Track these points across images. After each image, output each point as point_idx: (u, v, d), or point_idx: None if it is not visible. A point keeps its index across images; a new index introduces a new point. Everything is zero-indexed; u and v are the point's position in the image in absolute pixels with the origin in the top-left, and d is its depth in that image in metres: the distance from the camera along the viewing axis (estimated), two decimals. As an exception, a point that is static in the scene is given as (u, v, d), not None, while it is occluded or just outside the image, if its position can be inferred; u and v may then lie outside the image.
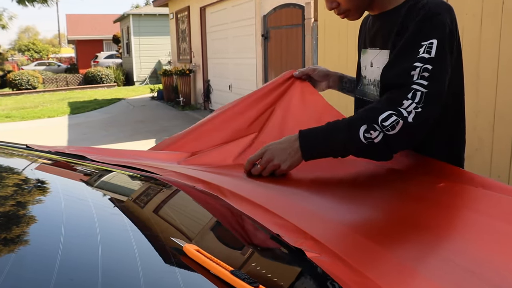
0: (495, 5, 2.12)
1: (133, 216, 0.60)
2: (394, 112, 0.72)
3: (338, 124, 0.77)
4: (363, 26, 0.99)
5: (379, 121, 0.72)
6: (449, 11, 0.77)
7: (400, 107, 0.72)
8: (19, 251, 0.43)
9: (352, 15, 0.86)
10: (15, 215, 0.52)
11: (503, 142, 2.16)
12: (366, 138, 0.73)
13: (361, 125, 0.73)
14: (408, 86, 0.73)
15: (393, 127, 0.71)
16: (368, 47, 0.92)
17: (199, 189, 0.73)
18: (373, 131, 0.72)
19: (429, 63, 0.72)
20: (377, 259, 0.51)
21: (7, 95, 11.94)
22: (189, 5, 7.56)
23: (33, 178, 0.71)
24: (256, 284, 0.39)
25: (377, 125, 0.72)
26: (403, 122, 0.71)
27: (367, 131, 0.73)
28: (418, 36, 0.74)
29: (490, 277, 0.47)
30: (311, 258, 0.49)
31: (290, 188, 0.79)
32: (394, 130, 0.72)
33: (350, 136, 0.74)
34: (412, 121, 0.71)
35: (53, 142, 4.97)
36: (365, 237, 0.57)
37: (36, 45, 29.69)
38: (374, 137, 0.72)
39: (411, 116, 0.71)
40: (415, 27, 0.75)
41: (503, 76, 2.15)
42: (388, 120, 0.72)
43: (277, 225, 0.57)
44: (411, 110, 0.72)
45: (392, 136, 0.72)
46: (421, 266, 0.49)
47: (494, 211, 0.63)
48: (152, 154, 1.02)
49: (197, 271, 0.42)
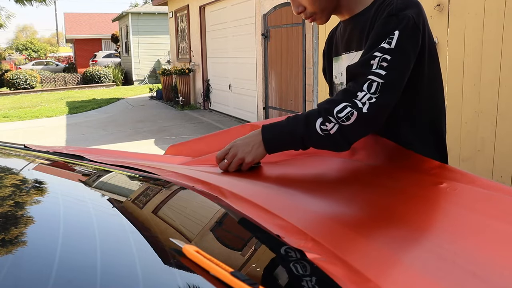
0: (498, 4, 2.12)
1: (132, 217, 0.60)
2: (349, 104, 0.74)
3: (297, 117, 0.79)
4: (331, 37, 1.00)
5: (334, 113, 0.74)
6: (416, 6, 0.78)
7: (355, 98, 0.74)
8: (16, 252, 0.43)
9: (318, 18, 0.87)
10: (12, 215, 0.52)
11: (506, 143, 2.16)
12: (322, 130, 0.75)
13: (317, 118, 0.76)
14: (365, 76, 0.75)
15: (348, 118, 0.74)
16: (342, 52, 0.92)
17: (198, 189, 0.73)
18: (328, 123, 0.75)
19: (388, 53, 0.74)
20: (378, 260, 0.51)
21: (4, 94, 11.92)
22: (188, 4, 7.56)
23: (30, 178, 0.70)
24: (256, 286, 0.38)
25: (332, 117, 0.74)
26: (357, 113, 0.73)
27: (323, 123, 0.75)
28: (381, 31, 0.76)
29: (491, 278, 0.47)
30: (311, 259, 0.49)
31: (290, 188, 0.78)
32: (349, 121, 0.74)
33: (308, 128, 0.76)
34: (366, 111, 0.73)
35: (51, 142, 4.96)
36: (366, 238, 0.57)
37: (34, 44, 29.64)
38: (329, 129, 0.75)
39: (366, 106, 0.73)
40: (380, 22, 0.77)
41: (505, 76, 2.15)
42: (343, 111, 0.74)
43: (277, 226, 0.57)
44: (365, 101, 0.74)
45: (347, 126, 0.74)
46: (422, 266, 0.49)
47: (495, 212, 0.63)
48: (150, 156, 1.02)
49: (197, 273, 0.42)
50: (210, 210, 0.69)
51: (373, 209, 0.68)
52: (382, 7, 0.79)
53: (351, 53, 0.88)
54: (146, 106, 8.31)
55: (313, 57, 3.74)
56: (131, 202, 0.66)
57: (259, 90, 5.38)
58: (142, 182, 0.78)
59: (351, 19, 0.88)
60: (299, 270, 0.50)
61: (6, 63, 21.41)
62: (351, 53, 0.89)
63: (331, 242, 0.53)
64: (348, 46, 0.90)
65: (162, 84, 8.69)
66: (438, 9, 2.37)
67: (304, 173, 0.86)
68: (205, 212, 0.69)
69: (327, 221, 0.64)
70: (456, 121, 2.36)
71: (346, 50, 0.90)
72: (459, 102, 2.37)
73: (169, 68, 8.47)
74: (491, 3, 2.14)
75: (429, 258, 0.51)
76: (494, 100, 2.19)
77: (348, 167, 0.86)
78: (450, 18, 2.35)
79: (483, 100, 2.26)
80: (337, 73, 0.95)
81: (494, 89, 2.18)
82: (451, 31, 2.35)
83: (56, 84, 14.13)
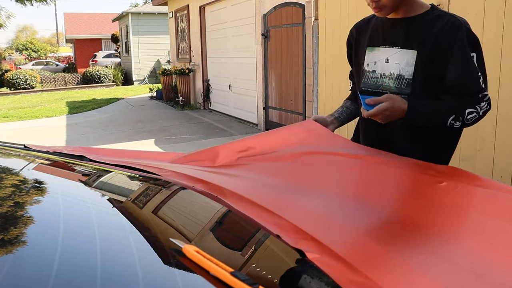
0: (498, 4, 2.11)
1: (132, 216, 0.60)
2: (475, 110, 0.98)
3: (440, 106, 1.00)
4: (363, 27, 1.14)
5: (465, 115, 0.98)
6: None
7: (480, 106, 0.99)
8: (17, 251, 0.43)
9: (385, 11, 1.02)
10: (12, 215, 0.52)
11: (506, 143, 2.15)
12: (450, 124, 0.98)
13: (451, 115, 0.98)
14: (482, 91, 0.99)
15: (471, 119, 0.99)
16: (381, 45, 1.08)
17: (198, 189, 0.73)
18: (458, 121, 0.98)
19: (481, 73, 0.99)
20: (377, 259, 0.51)
21: (4, 94, 11.92)
22: (188, 4, 7.56)
23: (31, 178, 0.70)
24: (256, 285, 0.38)
25: (462, 117, 0.98)
26: (478, 117, 0.99)
27: (454, 120, 0.98)
28: (467, 48, 0.98)
29: (492, 278, 0.47)
30: (311, 258, 0.49)
31: (290, 188, 0.79)
32: (470, 121, 0.99)
33: (441, 120, 0.98)
34: (481, 115, 1.00)
35: (51, 142, 4.96)
36: (365, 237, 0.57)
37: (34, 44, 29.63)
38: (456, 125, 0.99)
39: (481, 112, 1.00)
40: (463, 40, 0.98)
41: (505, 76, 2.14)
42: (470, 115, 0.98)
43: (277, 226, 0.57)
44: (484, 110, 1.00)
45: (467, 125, 1.00)
46: (422, 266, 0.49)
47: (497, 211, 0.63)
48: (150, 154, 1.02)
49: (197, 273, 0.42)
50: (210, 210, 0.69)
51: (373, 208, 0.68)
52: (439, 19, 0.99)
53: (393, 48, 1.05)
54: (146, 106, 8.31)
55: (313, 57, 3.74)
56: (131, 202, 0.66)
57: (259, 90, 5.38)
58: (142, 182, 0.78)
59: (404, 19, 1.04)
60: (299, 270, 0.50)
61: (6, 63, 21.39)
62: (393, 48, 1.06)
63: (330, 242, 0.53)
64: (392, 42, 1.06)
65: (162, 84, 8.69)
66: (438, 9, 2.37)
67: (304, 173, 0.86)
68: (205, 212, 0.69)
69: (327, 220, 0.64)
70: (456, 121, 2.37)
71: (387, 45, 1.06)
72: (459, 102, 2.37)
73: (169, 68, 8.47)
74: (491, 3, 2.14)
75: (429, 256, 0.51)
76: (494, 100, 2.19)
77: (347, 167, 0.86)
78: (450, 18, 2.35)
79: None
80: (371, 61, 1.10)
81: (494, 89, 2.18)
82: (451, 31, 2.36)
83: (56, 84, 14.13)
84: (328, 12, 3.40)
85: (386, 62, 1.07)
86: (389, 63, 1.07)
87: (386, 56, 1.07)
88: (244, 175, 0.86)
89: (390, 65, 1.07)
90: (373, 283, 0.45)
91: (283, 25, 4.67)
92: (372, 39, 1.11)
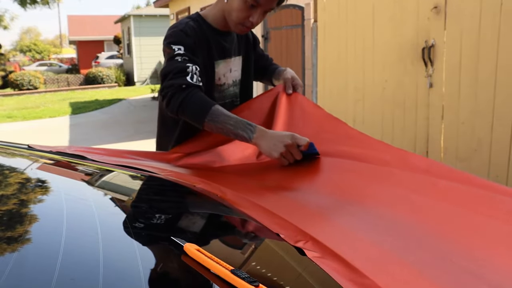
0: (494, 6, 2.12)
1: (134, 215, 0.60)
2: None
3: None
4: (204, 41, 1.05)
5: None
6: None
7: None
8: (21, 250, 0.43)
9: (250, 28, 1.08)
10: (17, 215, 0.52)
11: (502, 143, 2.16)
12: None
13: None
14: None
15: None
16: (227, 57, 1.12)
17: (199, 188, 0.73)
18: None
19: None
20: (377, 259, 0.51)
21: (8, 95, 11.96)
22: (189, 6, 7.56)
23: (34, 178, 0.71)
24: (256, 283, 0.38)
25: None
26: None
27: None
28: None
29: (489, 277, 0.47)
30: (311, 257, 0.49)
31: (290, 188, 0.79)
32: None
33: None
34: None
35: (54, 142, 4.98)
36: (365, 237, 0.57)
37: (37, 46, 29.67)
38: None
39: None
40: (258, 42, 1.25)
41: (501, 77, 2.15)
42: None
43: (277, 225, 0.58)
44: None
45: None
46: (421, 266, 0.49)
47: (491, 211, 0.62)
48: (151, 154, 1.03)
49: (198, 270, 0.42)
50: (211, 208, 0.69)
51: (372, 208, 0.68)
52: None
53: (233, 58, 1.13)
54: (147, 107, 8.32)
55: (312, 59, 3.75)
56: (133, 201, 0.66)
57: (259, 90, 5.39)
58: (143, 181, 0.78)
59: (230, 32, 1.11)
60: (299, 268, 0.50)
61: (11, 64, 21.44)
62: (234, 58, 1.13)
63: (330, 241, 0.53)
64: (232, 52, 1.12)
65: (164, 85, 8.66)
66: (435, 11, 2.38)
67: (304, 172, 0.86)
68: (206, 211, 0.69)
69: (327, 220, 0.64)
70: (452, 121, 2.37)
71: (230, 56, 1.12)
72: (456, 103, 2.37)
73: (171, 69, 8.43)
74: (488, 5, 2.14)
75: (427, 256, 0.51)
76: (490, 101, 2.20)
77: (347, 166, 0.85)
78: (447, 20, 2.36)
79: (479, 101, 2.26)
80: (222, 74, 1.11)
81: (491, 89, 2.19)
82: (448, 32, 2.36)
83: (59, 85, 14.16)
84: (327, 14, 3.42)
85: (230, 72, 1.14)
86: (231, 72, 1.14)
87: (229, 66, 1.13)
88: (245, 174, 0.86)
89: (233, 73, 1.15)
90: (372, 283, 0.45)
91: (283, 27, 4.68)
92: (213, 53, 1.08)
